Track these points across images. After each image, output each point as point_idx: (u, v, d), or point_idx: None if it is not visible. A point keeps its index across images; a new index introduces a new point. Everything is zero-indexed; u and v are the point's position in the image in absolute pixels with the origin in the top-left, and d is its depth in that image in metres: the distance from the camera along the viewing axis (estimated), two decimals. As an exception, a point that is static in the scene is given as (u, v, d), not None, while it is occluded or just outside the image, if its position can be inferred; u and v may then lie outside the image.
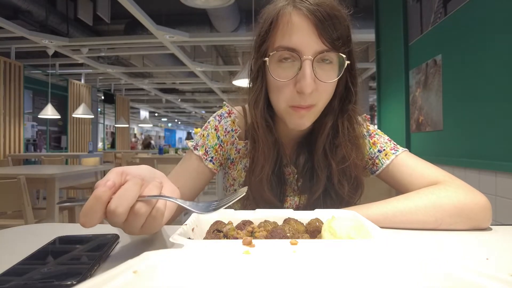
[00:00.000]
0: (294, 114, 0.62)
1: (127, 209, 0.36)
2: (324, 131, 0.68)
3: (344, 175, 0.69)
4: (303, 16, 0.58)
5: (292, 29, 0.58)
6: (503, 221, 1.46)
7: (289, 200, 0.75)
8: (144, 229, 0.39)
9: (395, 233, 0.55)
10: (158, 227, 0.41)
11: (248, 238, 0.36)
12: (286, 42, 0.58)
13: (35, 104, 6.12)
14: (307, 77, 0.57)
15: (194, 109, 14.76)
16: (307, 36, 0.57)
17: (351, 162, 0.67)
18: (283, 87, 0.61)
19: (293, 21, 0.58)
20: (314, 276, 0.32)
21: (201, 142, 0.74)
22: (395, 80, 2.64)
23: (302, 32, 0.58)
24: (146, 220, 0.38)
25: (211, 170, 0.74)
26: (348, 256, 0.33)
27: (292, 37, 0.58)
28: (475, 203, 0.57)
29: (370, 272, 0.33)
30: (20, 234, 0.53)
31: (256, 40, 0.66)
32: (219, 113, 0.78)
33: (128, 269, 0.28)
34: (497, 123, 1.52)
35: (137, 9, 3.47)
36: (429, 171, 0.67)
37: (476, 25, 1.66)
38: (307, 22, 0.57)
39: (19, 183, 1.87)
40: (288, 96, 0.61)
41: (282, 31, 0.59)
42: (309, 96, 0.59)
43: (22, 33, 4.15)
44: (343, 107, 0.69)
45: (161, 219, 0.39)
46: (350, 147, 0.68)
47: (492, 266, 0.39)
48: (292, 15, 0.58)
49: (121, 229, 0.39)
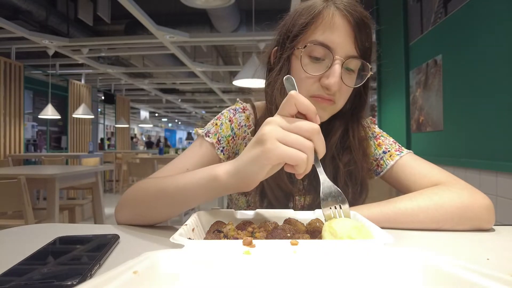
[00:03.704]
0: (316, 104, 0.64)
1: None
2: (336, 135, 0.70)
3: (350, 177, 0.69)
4: (345, 19, 0.60)
5: (332, 27, 0.60)
6: (504, 221, 1.46)
7: (295, 200, 0.75)
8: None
9: (396, 233, 0.55)
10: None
11: (248, 238, 0.36)
12: (324, 39, 0.60)
13: (35, 104, 6.11)
14: (336, 75, 0.60)
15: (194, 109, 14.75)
16: (344, 38, 0.60)
17: (358, 164, 0.69)
18: (307, 79, 0.63)
19: (335, 21, 0.60)
20: (315, 277, 0.32)
21: (213, 130, 0.72)
22: (395, 80, 2.64)
23: (341, 33, 0.60)
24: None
25: (220, 160, 0.73)
26: (348, 257, 0.33)
27: (331, 35, 0.60)
28: (478, 205, 0.57)
29: (371, 272, 0.33)
30: (21, 235, 0.53)
31: (289, 29, 0.66)
32: (233, 107, 0.78)
33: (128, 270, 0.28)
34: (497, 123, 1.52)
35: (137, 9, 3.47)
36: (432, 172, 0.67)
37: (476, 25, 1.66)
38: (347, 25, 0.60)
39: (19, 184, 1.87)
40: (310, 87, 0.63)
41: (323, 28, 0.61)
42: (333, 93, 0.62)
43: (23, 33, 4.15)
44: (354, 113, 0.72)
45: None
46: (358, 150, 0.70)
47: (492, 266, 0.39)
48: (335, 15, 0.61)
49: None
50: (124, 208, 0.62)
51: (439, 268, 0.30)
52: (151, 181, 0.60)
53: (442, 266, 0.30)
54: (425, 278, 0.31)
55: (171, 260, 0.32)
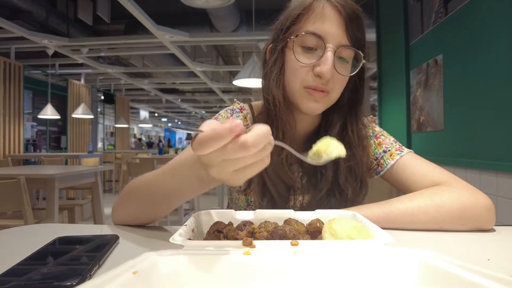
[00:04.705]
0: (309, 97, 0.64)
1: (263, 144, 0.34)
2: (334, 130, 0.70)
3: (351, 173, 0.70)
4: (336, 10, 0.62)
5: (323, 18, 0.62)
6: (504, 221, 1.46)
7: (294, 199, 0.74)
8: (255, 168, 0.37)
9: (396, 234, 0.54)
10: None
11: (248, 239, 0.35)
12: (315, 29, 0.62)
13: (35, 104, 6.11)
14: (328, 62, 0.60)
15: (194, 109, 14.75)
16: (335, 28, 0.62)
17: (358, 160, 0.69)
18: (300, 68, 0.64)
19: (325, 12, 0.62)
20: (315, 277, 0.32)
21: None
22: (396, 80, 2.64)
23: (331, 23, 0.62)
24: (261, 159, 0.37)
25: None
26: (349, 257, 0.33)
27: (322, 25, 0.62)
28: (479, 205, 0.57)
29: (371, 273, 0.32)
30: (20, 235, 0.53)
31: (282, 22, 0.68)
32: (230, 108, 0.78)
33: (128, 270, 0.28)
34: (498, 123, 1.52)
35: (137, 9, 3.47)
36: (433, 172, 0.67)
37: (477, 24, 1.66)
38: (338, 16, 0.62)
39: (19, 184, 1.87)
40: (304, 77, 0.64)
41: (314, 19, 0.63)
42: (326, 81, 0.62)
43: (22, 33, 4.14)
44: (351, 107, 0.72)
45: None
46: (358, 146, 0.70)
47: (493, 267, 0.39)
48: (325, 6, 0.62)
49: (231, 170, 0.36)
50: (120, 208, 0.61)
51: (440, 268, 0.30)
52: (141, 177, 0.58)
53: (442, 267, 0.30)
54: (425, 278, 0.31)
55: (171, 261, 0.32)
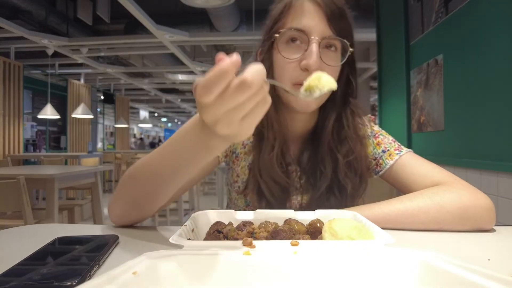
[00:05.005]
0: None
1: (262, 81, 0.33)
2: (329, 125, 0.70)
3: (350, 169, 0.69)
4: (315, 4, 0.62)
5: (303, 13, 0.62)
6: (504, 221, 1.46)
7: (292, 199, 0.74)
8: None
9: (396, 234, 0.54)
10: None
11: (248, 239, 0.35)
12: (297, 24, 0.63)
13: (34, 104, 6.10)
14: (313, 54, 0.60)
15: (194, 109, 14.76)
16: (317, 21, 0.62)
17: (356, 154, 0.69)
18: (287, 65, 0.64)
19: (305, 7, 0.63)
20: (315, 277, 0.32)
21: None
22: (396, 80, 2.64)
23: (312, 17, 0.62)
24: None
25: (218, 158, 0.75)
26: (349, 257, 0.33)
27: (303, 20, 0.62)
28: (479, 205, 0.57)
29: (372, 273, 0.32)
30: (20, 235, 0.53)
31: (267, 24, 0.69)
32: None
33: (128, 270, 0.28)
34: (498, 123, 1.52)
35: (137, 9, 3.46)
36: (433, 172, 0.67)
37: (477, 24, 1.66)
38: (318, 9, 0.62)
39: (19, 184, 1.87)
40: (292, 73, 0.64)
41: (295, 15, 0.63)
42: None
43: (22, 33, 4.14)
44: (345, 101, 0.72)
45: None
46: (355, 139, 0.70)
47: (493, 267, 0.39)
48: (304, 2, 0.63)
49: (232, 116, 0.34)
50: (117, 201, 0.57)
51: (440, 268, 0.30)
52: (138, 161, 0.55)
53: (442, 267, 0.30)
54: (425, 278, 0.31)
55: (171, 261, 0.32)
